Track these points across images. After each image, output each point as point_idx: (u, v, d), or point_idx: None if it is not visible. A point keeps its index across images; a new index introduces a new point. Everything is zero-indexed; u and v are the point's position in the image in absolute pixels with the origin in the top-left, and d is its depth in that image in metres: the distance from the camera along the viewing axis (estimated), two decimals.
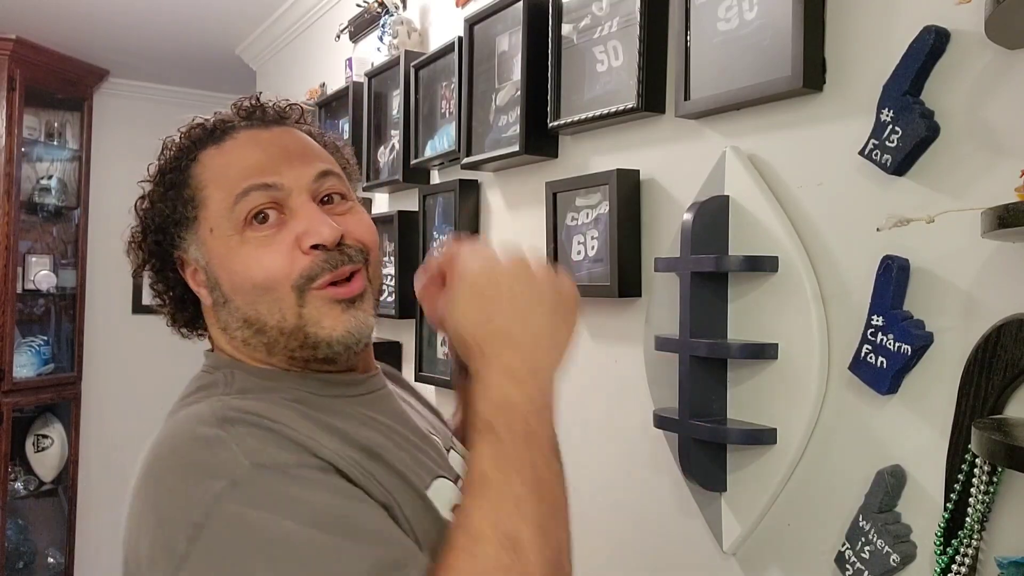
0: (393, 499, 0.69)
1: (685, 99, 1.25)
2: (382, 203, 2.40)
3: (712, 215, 1.17)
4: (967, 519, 0.87)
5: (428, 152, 2.00)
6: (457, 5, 1.95)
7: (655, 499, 1.35)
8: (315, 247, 0.75)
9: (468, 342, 0.73)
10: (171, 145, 0.84)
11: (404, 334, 2.20)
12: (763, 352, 1.10)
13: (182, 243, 0.81)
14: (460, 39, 1.83)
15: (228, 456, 0.64)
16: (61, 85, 3.61)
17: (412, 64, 2.06)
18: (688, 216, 1.16)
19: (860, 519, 0.99)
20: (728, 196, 1.17)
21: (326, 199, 0.80)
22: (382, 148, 2.29)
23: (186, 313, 0.86)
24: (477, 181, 1.88)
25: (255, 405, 0.70)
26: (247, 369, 0.79)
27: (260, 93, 0.86)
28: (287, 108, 0.86)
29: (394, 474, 0.72)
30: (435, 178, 2.07)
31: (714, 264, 1.13)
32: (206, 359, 0.83)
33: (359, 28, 2.52)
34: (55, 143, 3.71)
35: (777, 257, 1.10)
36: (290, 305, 0.75)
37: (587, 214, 1.45)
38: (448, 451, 0.86)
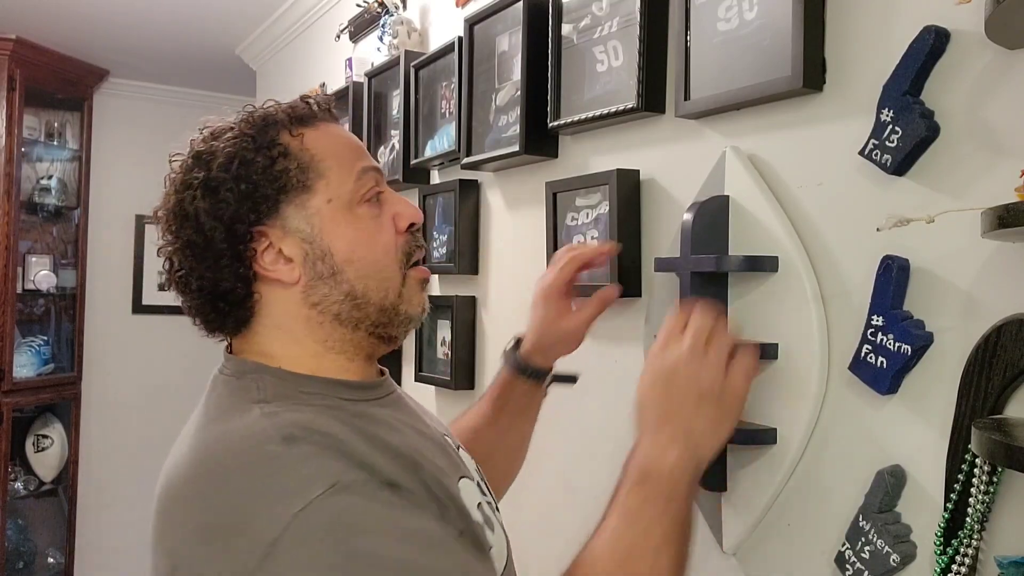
0: (440, 506, 0.72)
1: (685, 99, 1.25)
2: None
3: (712, 215, 1.17)
4: (967, 519, 0.87)
5: (428, 152, 2.00)
6: (457, 5, 1.95)
7: None
8: (409, 228, 0.84)
9: (647, 416, 0.83)
10: (261, 118, 0.81)
11: None
12: (763, 352, 1.10)
13: (275, 214, 0.78)
14: (460, 39, 1.83)
15: (299, 476, 0.64)
16: (61, 85, 3.61)
17: (412, 64, 2.06)
18: (688, 216, 1.16)
19: (860, 519, 0.99)
20: (728, 196, 1.17)
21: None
22: (382, 148, 2.29)
23: (218, 307, 0.80)
24: (477, 181, 1.88)
25: (311, 419, 0.71)
26: (274, 374, 0.78)
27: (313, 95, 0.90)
28: (331, 106, 0.90)
29: (434, 482, 0.74)
30: (435, 178, 2.08)
31: (714, 264, 1.13)
32: (227, 363, 0.82)
33: (359, 28, 2.52)
34: (55, 143, 3.72)
35: (777, 257, 1.10)
36: (395, 285, 0.82)
37: (587, 214, 1.45)
38: (458, 448, 0.89)
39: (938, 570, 0.89)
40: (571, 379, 1.16)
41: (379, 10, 2.30)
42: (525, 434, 1.19)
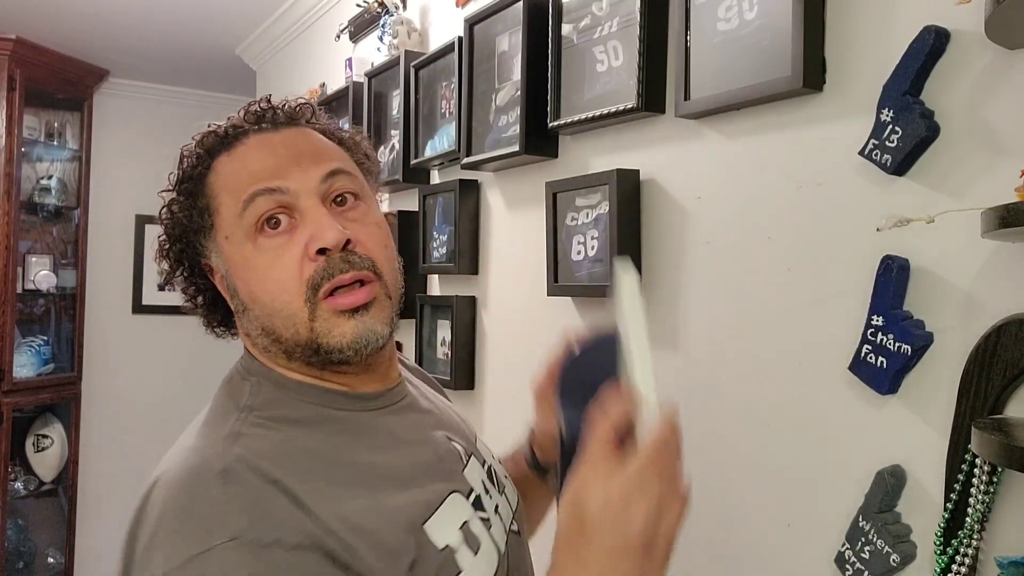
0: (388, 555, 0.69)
1: (685, 99, 1.25)
2: (382, 203, 2.40)
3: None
4: (967, 519, 0.87)
5: (428, 152, 2.00)
6: (457, 5, 1.95)
7: None
8: (320, 252, 0.74)
9: (558, 557, 0.65)
10: (187, 154, 0.82)
11: (404, 334, 2.20)
12: None
13: (204, 251, 0.81)
14: (460, 39, 1.83)
15: (213, 519, 0.64)
16: (61, 85, 3.61)
17: (412, 64, 2.06)
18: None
19: (860, 519, 0.99)
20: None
21: (339, 199, 0.79)
22: (382, 148, 2.29)
23: (219, 315, 0.85)
24: (477, 181, 1.88)
25: (268, 449, 0.70)
26: (274, 379, 0.79)
27: (270, 95, 0.85)
28: (297, 108, 0.85)
29: (373, 530, 0.70)
30: (435, 178, 2.08)
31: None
32: (242, 360, 0.83)
33: (359, 28, 2.52)
34: (55, 143, 3.71)
35: None
36: (303, 320, 0.75)
37: (587, 214, 1.45)
38: (469, 457, 0.85)
39: (938, 570, 0.89)
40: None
41: (379, 10, 2.30)
42: (532, 517, 1.03)
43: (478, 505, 0.81)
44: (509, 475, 0.95)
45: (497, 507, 0.84)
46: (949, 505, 0.89)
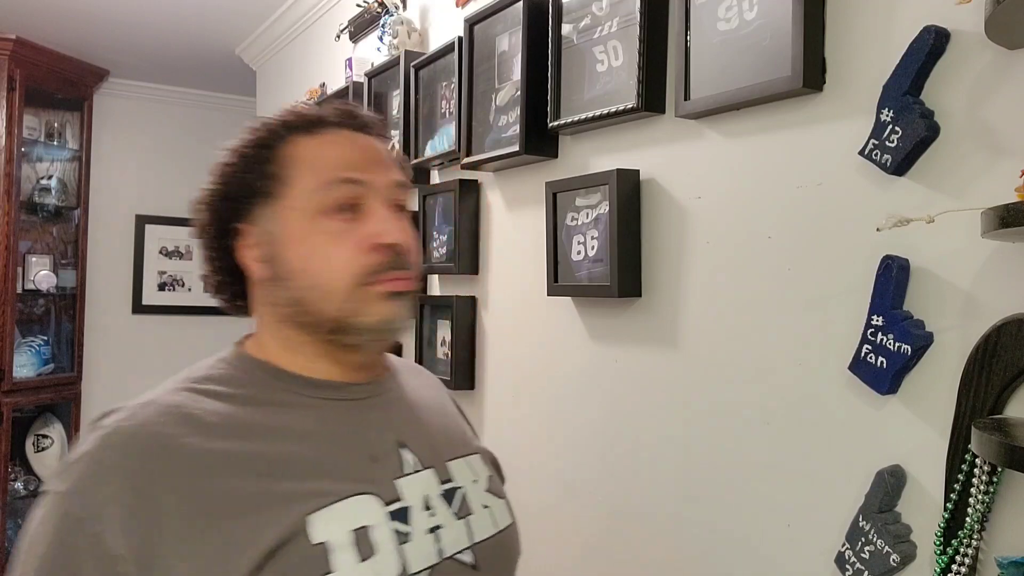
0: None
1: (685, 99, 1.25)
2: None
3: None
4: (967, 519, 0.87)
5: (428, 152, 2.00)
6: (457, 5, 1.95)
7: (656, 499, 1.35)
8: (386, 246, 0.81)
9: None
10: (263, 125, 0.87)
11: (404, 334, 2.20)
12: None
13: (250, 215, 0.84)
14: (460, 39, 1.83)
15: (65, 467, 0.72)
16: (61, 85, 3.61)
17: (412, 64, 2.06)
18: None
19: (860, 519, 0.99)
20: None
21: (397, 207, 0.86)
22: None
23: (233, 287, 0.89)
24: (477, 181, 1.88)
25: (156, 422, 0.75)
26: (242, 360, 0.84)
27: (356, 105, 0.92)
28: (380, 121, 0.92)
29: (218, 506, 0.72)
30: (435, 178, 2.08)
31: None
32: (233, 351, 0.87)
33: (359, 28, 2.52)
34: (55, 143, 3.71)
35: None
36: (347, 299, 0.80)
37: (587, 214, 1.45)
38: (421, 470, 0.84)
39: (938, 570, 0.89)
40: None
41: (379, 10, 2.30)
42: None
43: (400, 516, 0.78)
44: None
45: (438, 528, 0.81)
46: (949, 505, 0.89)
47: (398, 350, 2.22)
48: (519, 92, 1.61)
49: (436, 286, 2.06)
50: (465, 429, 1.01)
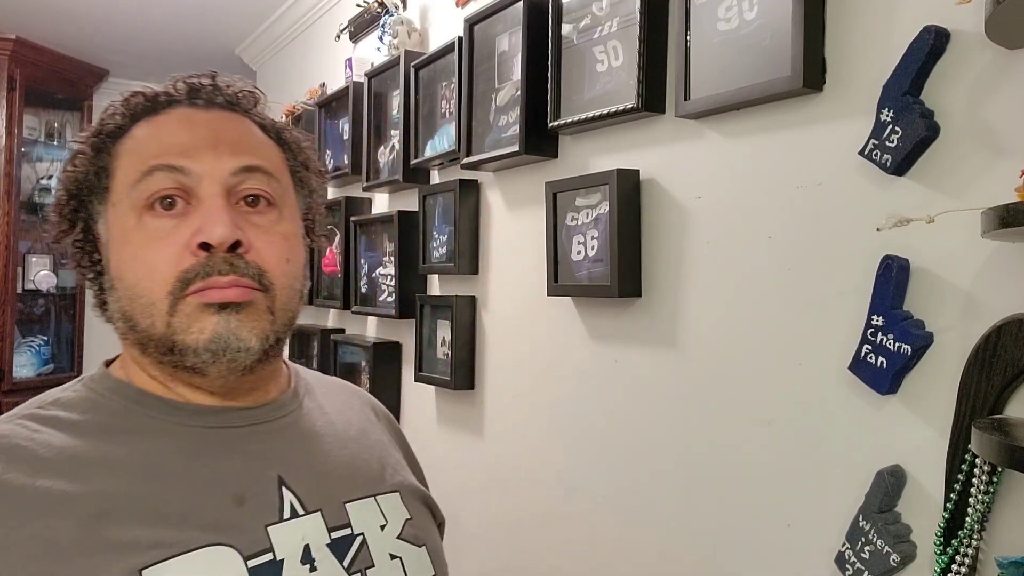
0: None
1: (685, 99, 1.25)
2: (382, 203, 2.40)
3: None
4: (967, 519, 0.87)
5: (428, 152, 2.00)
6: (457, 5, 1.95)
7: (655, 499, 1.35)
8: (203, 246, 0.67)
9: None
10: (108, 111, 0.75)
11: (404, 334, 2.20)
12: None
13: (95, 215, 0.73)
14: (460, 39, 1.83)
15: None
16: (61, 85, 3.61)
17: (412, 64, 2.06)
18: None
19: (860, 519, 0.99)
20: None
21: (250, 199, 0.72)
22: (382, 148, 2.29)
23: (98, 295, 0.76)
24: (477, 181, 1.88)
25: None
26: (113, 386, 0.72)
27: (215, 72, 0.78)
28: (240, 94, 0.77)
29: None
30: (435, 178, 2.07)
31: None
32: (98, 370, 0.75)
33: (359, 28, 2.52)
34: (55, 143, 3.71)
35: None
36: (161, 312, 0.67)
37: (587, 214, 1.45)
38: (302, 515, 0.71)
39: (938, 570, 0.89)
40: None
41: (379, 10, 2.30)
42: None
43: (266, 573, 0.66)
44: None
45: None
46: (949, 505, 0.89)
47: (398, 350, 2.22)
48: (519, 92, 1.61)
49: (436, 286, 2.06)
50: (388, 461, 0.84)
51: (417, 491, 0.84)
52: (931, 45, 0.92)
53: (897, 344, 0.95)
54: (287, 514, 0.70)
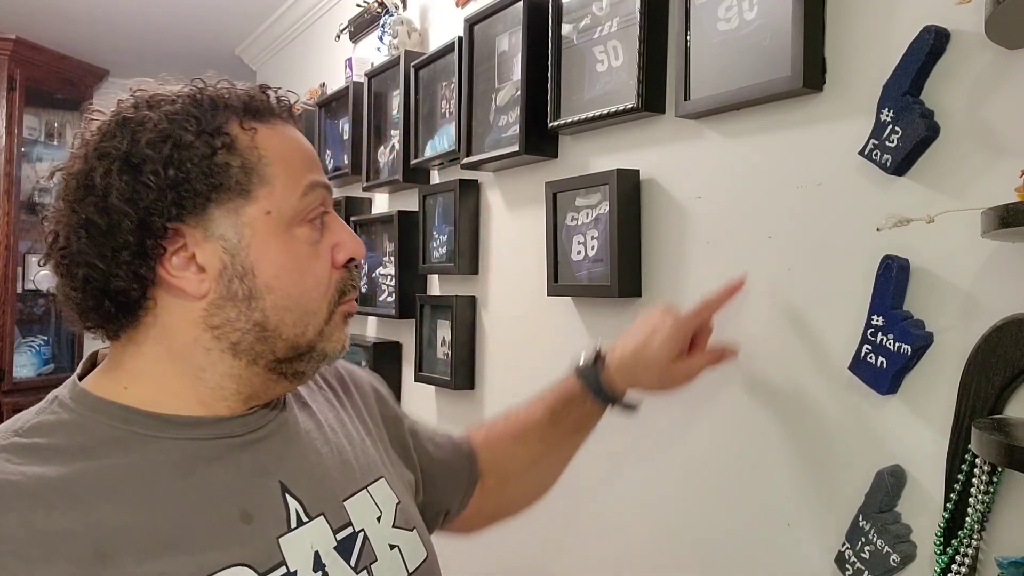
0: None
1: (685, 99, 1.25)
2: (382, 203, 2.40)
3: None
4: (967, 519, 0.87)
5: (428, 152, 2.00)
6: (457, 5, 1.95)
7: (655, 498, 1.35)
8: (350, 262, 0.74)
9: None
10: (197, 95, 0.71)
11: (404, 334, 2.20)
12: None
13: (198, 213, 0.66)
14: (460, 39, 1.83)
15: None
16: (61, 85, 3.61)
17: (412, 64, 2.06)
18: None
19: (860, 519, 0.99)
20: None
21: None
22: (382, 148, 2.29)
23: (108, 307, 0.68)
24: (477, 181, 1.88)
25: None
26: (95, 405, 0.68)
27: (278, 88, 0.78)
28: (293, 105, 0.77)
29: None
30: (435, 178, 2.08)
31: None
32: (69, 389, 0.70)
33: (359, 28, 2.52)
34: (55, 143, 3.71)
35: None
36: (318, 322, 0.71)
37: (587, 214, 1.45)
38: (309, 520, 0.70)
39: (938, 570, 0.89)
40: (634, 407, 1.06)
41: (379, 10, 2.30)
42: (573, 451, 1.10)
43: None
44: (555, 411, 1.01)
45: None
46: (949, 505, 0.89)
47: (398, 350, 2.22)
48: (519, 92, 1.61)
49: (436, 286, 2.06)
50: (367, 441, 0.84)
51: (396, 467, 0.86)
52: (931, 45, 0.92)
53: (897, 344, 0.95)
54: (294, 523, 0.69)
